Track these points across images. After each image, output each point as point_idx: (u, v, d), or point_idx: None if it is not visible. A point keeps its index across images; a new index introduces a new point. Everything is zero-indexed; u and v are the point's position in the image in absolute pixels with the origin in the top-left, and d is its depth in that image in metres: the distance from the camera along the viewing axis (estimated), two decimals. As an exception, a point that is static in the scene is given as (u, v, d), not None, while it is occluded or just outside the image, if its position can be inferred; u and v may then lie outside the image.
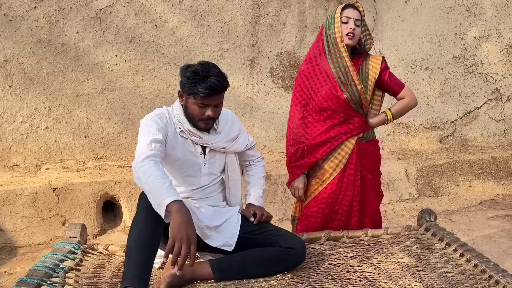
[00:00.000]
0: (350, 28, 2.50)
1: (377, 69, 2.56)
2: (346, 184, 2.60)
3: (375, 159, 2.69)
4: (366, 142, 2.64)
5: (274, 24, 4.68)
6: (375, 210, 2.70)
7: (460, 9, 5.22)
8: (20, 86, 4.00)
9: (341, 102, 2.55)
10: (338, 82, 2.54)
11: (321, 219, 2.64)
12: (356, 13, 2.52)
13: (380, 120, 2.65)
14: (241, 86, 4.66)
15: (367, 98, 2.57)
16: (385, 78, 2.59)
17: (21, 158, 4.07)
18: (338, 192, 2.61)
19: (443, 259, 2.24)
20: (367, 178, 2.64)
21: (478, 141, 5.43)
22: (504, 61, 5.46)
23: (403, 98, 2.64)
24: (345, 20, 2.51)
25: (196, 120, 2.15)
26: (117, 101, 4.28)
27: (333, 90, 2.55)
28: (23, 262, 3.41)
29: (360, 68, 2.58)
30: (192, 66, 2.13)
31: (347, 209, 2.62)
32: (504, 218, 4.22)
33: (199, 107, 2.10)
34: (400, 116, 2.72)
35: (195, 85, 2.06)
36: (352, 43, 2.53)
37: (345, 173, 2.60)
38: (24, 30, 3.94)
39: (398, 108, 2.65)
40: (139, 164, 1.95)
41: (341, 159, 2.59)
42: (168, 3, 4.30)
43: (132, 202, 3.92)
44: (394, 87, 2.62)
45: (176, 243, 1.79)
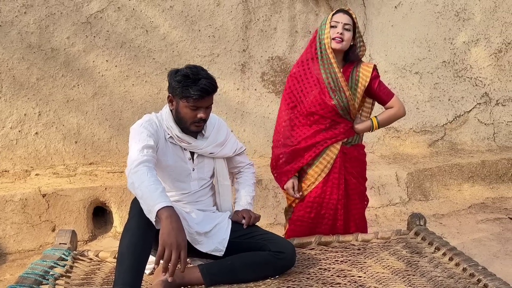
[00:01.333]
0: (337, 32, 2.50)
1: (367, 76, 2.57)
2: (331, 188, 2.62)
3: (360, 164, 2.71)
4: (351, 147, 2.65)
5: (265, 29, 4.70)
6: (359, 215, 2.71)
7: (449, 14, 5.27)
8: (10, 92, 3.98)
9: (328, 108, 2.56)
10: (327, 88, 2.55)
11: (307, 223, 2.66)
12: (346, 18, 2.52)
13: (366, 126, 2.66)
14: (232, 91, 4.66)
15: (355, 105, 2.59)
16: (375, 86, 2.60)
17: (10, 164, 4.04)
18: (323, 196, 2.63)
19: (432, 263, 2.26)
20: (351, 182, 2.66)
21: (467, 145, 5.47)
22: (493, 65, 5.51)
23: (391, 107, 2.64)
24: (334, 24, 2.52)
25: (188, 124, 2.16)
26: (107, 106, 4.27)
27: (322, 95, 2.56)
28: (12, 269, 3.38)
29: (350, 75, 2.59)
30: (181, 70, 2.14)
31: (333, 213, 2.64)
32: (494, 222, 4.26)
33: (191, 109, 2.13)
34: (386, 125, 2.74)
35: (187, 88, 2.09)
36: (340, 47, 2.52)
37: (330, 177, 2.62)
38: (14, 35, 3.92)
39: (385, 116, 2.66)
40: (133, 170, 1.95)
41: (326, 164, 2.61)
42: (159, 8, 4.30)
43: (123, 207, 3.91)
44: (383, 96, 2.63)
45: (166, 249, 1.79)
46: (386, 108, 2.66)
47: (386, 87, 2.64)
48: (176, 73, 2.14)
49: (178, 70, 2.16)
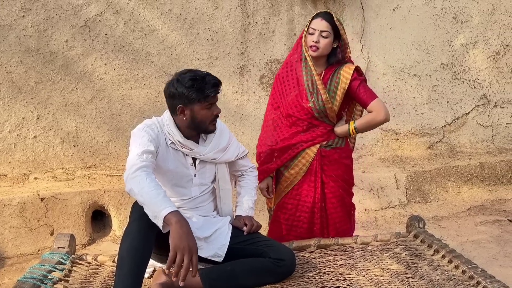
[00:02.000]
0: (313, 40, 2.49)
1: (347, 79, 2.50)
2: (306, 190, 2.60)
3: (340, 167, 2.64)
4: (331, 150, 2.61)
5: (263, 32, 4.70)
6: (339, 219, 2.65)
7: (448, 16, 5.28)
8: (8, 95, 3.98)
9: (304, 110, 2.55)
10: (306, 90, 2.55)
11: (284, 225, 2.66)
12: (323, 24, 2.48)
13: (343, 130, 2.60)
14: (231, 94, 4.66)
15: (333, 108, 2.54)
16: (354, 87, 2.52)
17: (9, 167, 4.03)
18: (298, 198, 2.62)
19: (431, 265, 2.25)
20: (329, 185, 2.61)
21: (466, 147, 5.47)
22: (491, 67, 5.52)
23: (371, 111, 2.53)
24: (311, 32, 2.51)
25: (207, 125, 2.18)
26: (106, 109, 4.27)
27: (299, 98, 2.56)
28: (11, 273, 3.38)
29: (330, 77, 2.55)
30: (182, 77, 2.12)
31: (308, 216, 2.61)
32: (493, 224, 4.26)
33: (207, 109, 2.15)
34: (366, 130, 2.65)
35: (202, 90, 2.10)
36: (316, 55, 2.51)
37: (305, 180, 2.60)
38: (12, 39, 3.92)
39: (363, 121, 2.58)
40: (131, 175, 1.94)
41: (301, 166, 2.60)
42: (157, 12, 4.30)
43: (122, 211, 3.90)
44: (364, 98, 2.52)
45: (178, 254, 1.79)
46: (368, 112, 2.56)
47: (368, 90, 2.54)
48: (180, 82, 2.12)
49: (178, 80, 2.13)
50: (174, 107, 2.16)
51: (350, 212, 2.75)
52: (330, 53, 2.56)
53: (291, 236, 2.64)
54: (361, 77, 2.57)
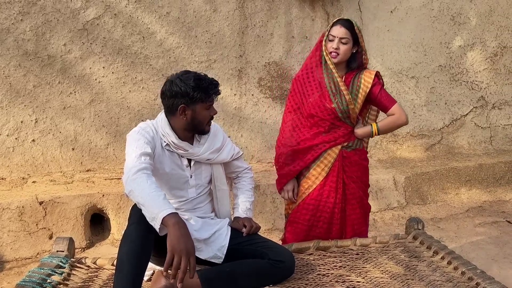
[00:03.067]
0: (333, 47, 2.57)
1: (368, 83, 2.59)
2: (328, 191, 2.64)
3: (360, 168, 2.70)
4: (351, 151, 2.66)
5: (262, 35, 4.71)
6: (358, 220, 2.70)
7: (445, 18, 5.30)
8: (6, 99, 3.98)
9: (328, 110, 2.59)
10: (329, 92, 2.60)
11: (303, 225, 2.67)
12: (343, 31, 2.56)
13: (366, 132, 2.67)
14: (229, 97, 4.67)
15: (355, 109, 2.61)
16: (376, 92, 2.61)
17: (7, 171, 4.03)
18: (319, 199, 2.64)
19: (431, 267, 2.25)
20: (350, 186, 2.66)
21: (464, 149, 5.48)
22: (489, 69, 5.53)
23: (393, 114, 2.64)
24: (331, 38, 2.59)
25: (204, 126, 2.21)
26: (104, 113, 4.27)
27: (322, 98, 2.61)
28: (9, 277, 3.37)
29: (352, 81, 2.62)
30: (186, 77, 2.13)
31: (328, 217, 2.64)
32: (491, 225, 4.26)
33: (207, 110, 2.18)
34: (386, 132, 2.76)
35: (206, 90, 2.13)
36: (337, 61, 2.59)
37: (327, 180, 2.64)
38: (10, 42, 3.92)
39: (386, 123, 2.67)
40: (131, 177, 1.93)
41: (323, 167, 2.63)
42: (155, 15, 4.31)
43: (121, 214, 3.90)
44: (385, 102, 2.63)
45: (175, 256, 1.79)
46: (388, 115, 2.67)
47: (387, 95, 2.65)
48: (184, 81, 2.12)
49: (180, 79, 2.13)
50: (175, 106, 2.15)
51: (367, 213, 2.79)
52: (350, 58, 2.64)
53: (310, 236, 2.65)
54: (381, 82, 2.66)
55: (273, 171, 4.59)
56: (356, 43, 2.61)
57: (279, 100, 4.81)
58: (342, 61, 2.62)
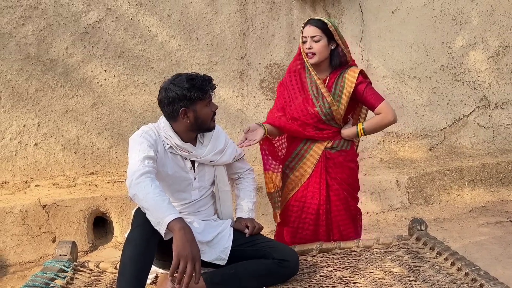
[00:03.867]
0: (307, 47, 2.52)
1: (352, 82, 2.52)
2: (312, 192, 2.61)
3: (345, 170, 2.63)
4: (336, 152, 2.61)
5: (263, 37, 4.71)
6: (343, 222, 2.64)
7: (447, 18, 5.29)
8: (9, 103, 3.99)
9: (311, 115, 2.57)
10: (311, 95, 2.58)
11: (290, 227, 2.66)
12: (312, 30, 2.50)
13: (351, 133, 2.60)
14: (231, 99, 4.67)
15: (339, 111, 2.54)
16: (361, 91, 2.53)
17: (10, 175, 4.04)
18: (304, 200, 2.62)
19: (434, 268, 2.24)
20: (333, 187, 2.62)
21: (467, 149, 5.47)
22: (491, 68, 5.52)
23: (379, 113, 2.54)
24: (304, 40, 2.55)
25: (209, 122, 2.22)
26: (106, 116, 4.27)
27: (305, 102, 2.58)
28: (13, 281, 3.37)
29: (335, 81, 2.57)
30: (178, 80, 2.15)
31: (314, 218, 2.61)
32: (495, 225, 4.24)
33: (207, 106, 2.19)
34: (374, 132, 2.64)
35: (202, 87, 2.14)
36: (315, 61, 2.53)
37: (311, 182, 2.61)
38: (12, 47, 3.93)
39: (372, 122, 2.58)
40: (135, 181, 1.93)
41: (306, 168, 2.62)
42: (157, 18, 4.31)
43: (123, 217, 3.90)
44: (371, 100, 2.54)
45: (181, 261, 1.79)
46: (376, 114, 2.57)
47: (374, 92, 2.56)
48: (177, 86, 2.13)
49: (174, 84, 2.15)
50: (176, 112, 2.16)
51: (356, 216, 2.73)
52: (331, 56, 2.57)
53: (296, 238, 2.64)
54: (366, 80, 2.58)
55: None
56: (331, 39, 2.53)
57: (281, 102, 4.81)
58: (321, 60, 2.54)
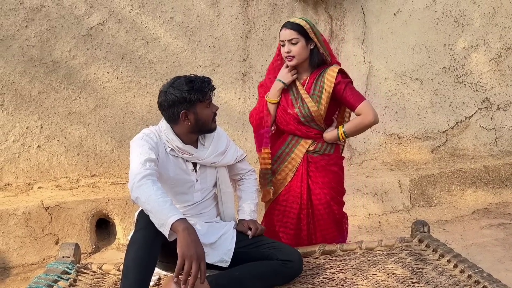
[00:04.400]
0: (285, 51, 2.48)
1: (331, 82, 2.45)
2: (293, 196, 2.58)
3: (327, 174, 2.58)
4: (318, 156, 2.57)
5: (265, 39, 4.71)
6: (325, 226, 2.60)
7: (449, 20, 5.29)
8: (12, 105, 4.00)
9: (290, 116, 2.55)
10: (291, 96, 2.56)
11: (272, 230, 2.64)
12: (288, 33, 2.45)
13: (333, 136, 2.54)
14: (233, 100, 4.67)
15: (319, 112, 2.48)
16: (340, 91, 2.45)
17: (13, 177, 4.05)
18: (285, 204, 2.60)
19: (437, 270, 2.24)
20: (315, 192, 2.58)
21: (469, 150, 5.47)
22: (493, 70, 5.52)
23: (360, 114, 2.45)
24: (282, 44, 2.51)
25: (210, 123, 2.23)
26: (109, 118, 4.28)
27: (285, 103, 2.56)
28: (16, 283, 3.38)
29: (314, 82, 2.51)
30: (177, 82, 2.16)
31: (294, 222, 2.59)
32: (498, 227, 4.24)
33: (208, 108, 2.19)
34: (356, 134, 2.56)
35: (201, 89, 2.14)
36: (294, 63, 2.49)
37: (292, 185, 2.59)
38: (16, 49, 3.95)
39: (352, 125, 2.50)
40: (137, 184, 1.94)
41: (287, 172, 2.60)
42: (159, 20, 4.32)
43: (126, 219, 3.91)
44: (351, 101, 2.45)
45: (186, 261, 1.79)
46: (356, 115, 2.49)
47: (355, 92, 2.47)
48: (177, 88, 2.14)
49: (173, 87, 2.16)
50: (176, 114, 2.17)
51: (340, 220, 2.68)
52: (310, 56, 2.51)
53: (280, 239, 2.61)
54: (346, 80, 2.49)
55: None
56: (309, 39, 2.46)
57: (283, 104, 4.81)
58: (301, 61, 2.49)
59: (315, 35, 2.48)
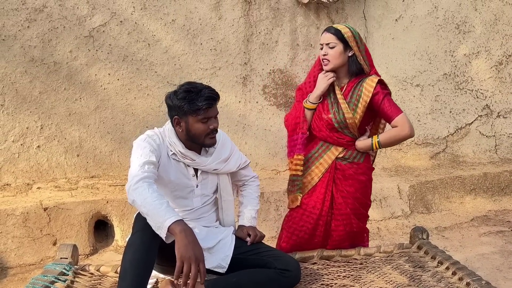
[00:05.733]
0: (322, 54, 2.49)
1: (369, 91, 2.43)
2: (315, 201, 2.55)
3: (354, 183, 2.54)
4: (346, 164, 2.54)
5: (266, 42, 4.72)
6: (340, 238, 2.57)
7: (450, 26, 5.30)
8: (12, 105, 4.00)
9: (323, 122, 2.54)
10: (328, 101, 2.55)
11: (286, 231, 2.62)
12: (327, 37, 2.46)
13: (366, 145, 2.52)
14: (234, 104, 4.68)
15: (354, 119, 2.47)
16: (378, 102, 2.44)
17: (12, 177, 4.04)
18: (305, 208, 2.57)
19: (435, 277, 2.24)
20: (337, 201, 2.54)
21: (469, 157, 5.47)
22: (493, 77, 5.52)
23: (396, 126, 2.44)
24: (320, 47, 2.52)
25: (203, 138, 2.16)
26: (109, 119, 4.28)
27: (321, 108, 2.55)
28: (13, 283, 3.37)
29: (352, 89, 2.50)
30: (179, 90, 2.14)
31: (311, 228, 2.55)
32: (496, 235, 4.24)
33: (203, 123, 2.13)
34: (389, 145, 2.55)
35: (193, 102, 2.09)
36: (329, 68, 2.49)
37: (315, 191, 2.56)
38: (17, 49, 3.95)
39: (387, 136, 2.49)
40: (133, 187, 1.94)
41: (313, 176, 2.57)
42: (161, 22, 4.33)
43: (124, 221, 3.90)
44: (388, 112, 2.44)
45: (185, 263, 1.78)
46: (392, 127, 2.47)
47: (392, 104, 2.45)
48: (176, 93, 2.14)
49: (175, 92, 2.15)
50: (171, 118, 2.19)
51: (358, 235, 2.62)
52: (349, 63, 2.51)
53: (288, 245, 2.59)
54: (385, 91, 2.48)
55: (276, 179, 4.59)
56: (348, 46, 2.46)
57: (284, 108, 4.82)
58: (336, 66, 2.48)
59: (356, 44, 2.47)
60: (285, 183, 3.34)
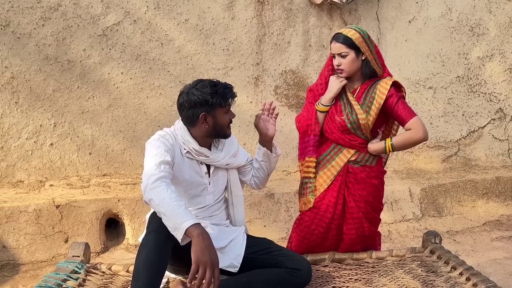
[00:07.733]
0: (335, 64, 2.47)
1: (383, 94, 2.41)
2: (326, 205, 2.52)
3: (366, 187, 2.51)
4: (359, 167, 2.51)
5: (279, 43, 4.71)
6: (351, 241, 2.55)
7: (464, 29, 5.26)
8: (26, 103, 4.03)
9: (335, 125, 2.52)
10: (340, 102, 2.53)
11: (297, 234, 2.60)
12: (337, 46, 2.43)
13: (379, 148, 2.49)
14: (245, 104, 4.67)
15: (367, 121, 2.44)
16: (392, 104, 2.41)
17: (25, 174, 4.08)
18: (316, 212, 2.53)
19: (448, 282, 2.22)
20: (349, 205, 2.52)
21: (482, 161, 5.42)
22: (507, 81, 5.47)
23: (410, 129, 2.41)
24: (332, 56, 2.50)
25: (225, 129, 2.25)
26: (122, 118, 4.30)
27: (334, 109, 2.53)
28: (25, 280, 3.40)
29: (365, 91, 2.48)
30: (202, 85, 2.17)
31: (323, 231, 2.52)
32: (509, 239, 4.19)
33: (226, 114, 2.22)
34: (402, 149, 2.53)
35: (223, 94, 2.17)
36: (345, 75, 2.48)
37: (327, 194, 2.53)
38: (32, 47, 3.98)
39: (401, 139, 2.46)
40: (150, 186, 1.93)
41: (325, 178, 2.54)
42: (174, 22, 4.34)
43: (135, 219, 3.92)
44: (402, 115, 2.41)
45: (200, 267, 1.78)
46: (406, 130, 2.45)
47: (406, 107, 2.43)
48: (200, 90, 2.14)
49: (196, 89, 2.16)
50: (196, 115, 2.17)
51: (370, 239, 2.60)
52: (362, 66, 2.48)
53: (300, 248, 2.57)
54: (399, 93, 2.46)
55: (287, 180, 4.59)
56: (360, 51, 2.43)
57: (295, 108, 4.81)
58: (351, 73, 2.47)
59: (367, 47, 2.44)
60: (295, 184, 3.34)
